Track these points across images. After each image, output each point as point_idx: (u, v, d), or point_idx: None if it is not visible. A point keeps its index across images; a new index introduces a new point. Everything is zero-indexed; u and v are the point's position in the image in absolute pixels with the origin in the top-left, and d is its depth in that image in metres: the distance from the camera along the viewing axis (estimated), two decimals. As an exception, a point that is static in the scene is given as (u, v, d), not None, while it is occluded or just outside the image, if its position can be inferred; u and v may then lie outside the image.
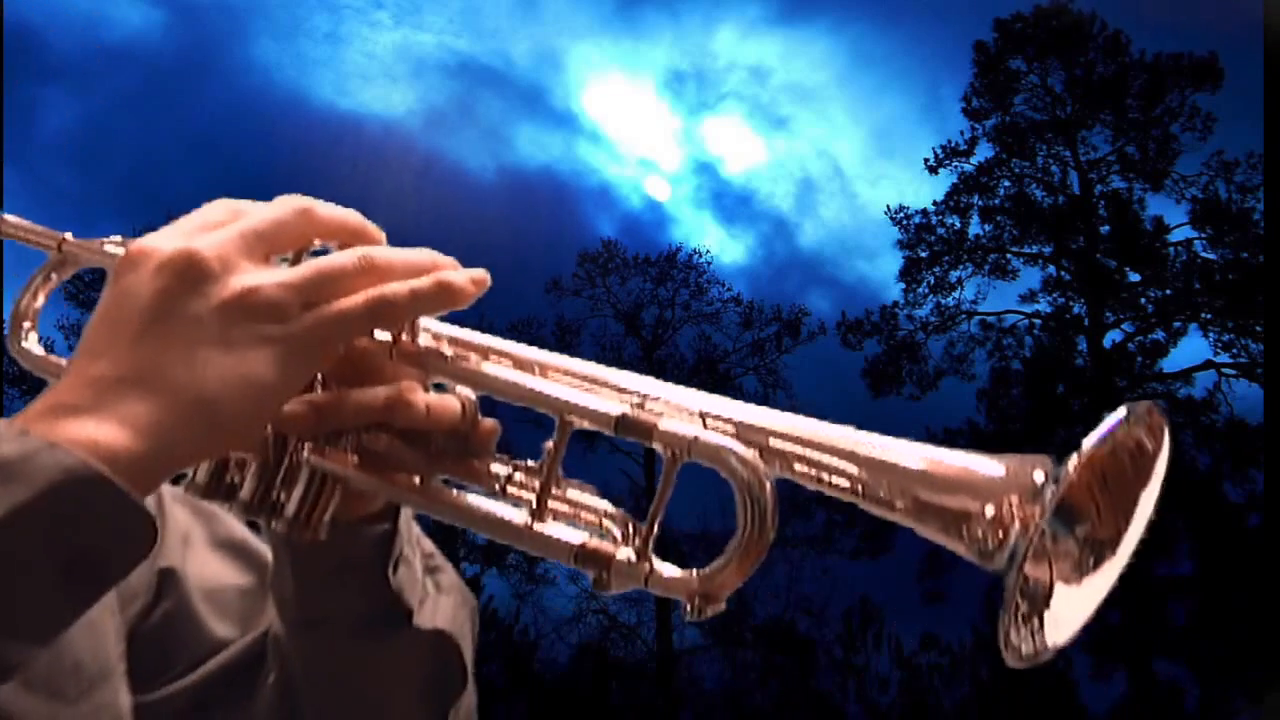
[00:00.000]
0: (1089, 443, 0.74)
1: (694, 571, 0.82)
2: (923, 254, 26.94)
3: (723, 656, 25.50)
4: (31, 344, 1.12)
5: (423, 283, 0.91)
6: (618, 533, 0.91)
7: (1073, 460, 0.74)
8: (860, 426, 0.87)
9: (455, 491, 0.96)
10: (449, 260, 0.95)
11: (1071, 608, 0.82)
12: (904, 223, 27.16)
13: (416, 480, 0.98)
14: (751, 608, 25.66)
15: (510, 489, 0.96)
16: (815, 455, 0.84)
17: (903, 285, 26.96)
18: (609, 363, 0.96)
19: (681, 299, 28.17)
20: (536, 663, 25.05)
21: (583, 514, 0.93)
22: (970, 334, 26.55)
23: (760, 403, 0.88)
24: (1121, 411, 0.76)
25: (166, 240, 0.89)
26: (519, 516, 0.91)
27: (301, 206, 0.94)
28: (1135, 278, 25.70)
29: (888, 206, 27.59)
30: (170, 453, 0.82)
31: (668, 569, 0.84)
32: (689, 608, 0.81)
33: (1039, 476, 0.75)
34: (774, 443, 0.85)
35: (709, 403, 0.89)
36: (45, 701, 1.05)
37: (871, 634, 24.90)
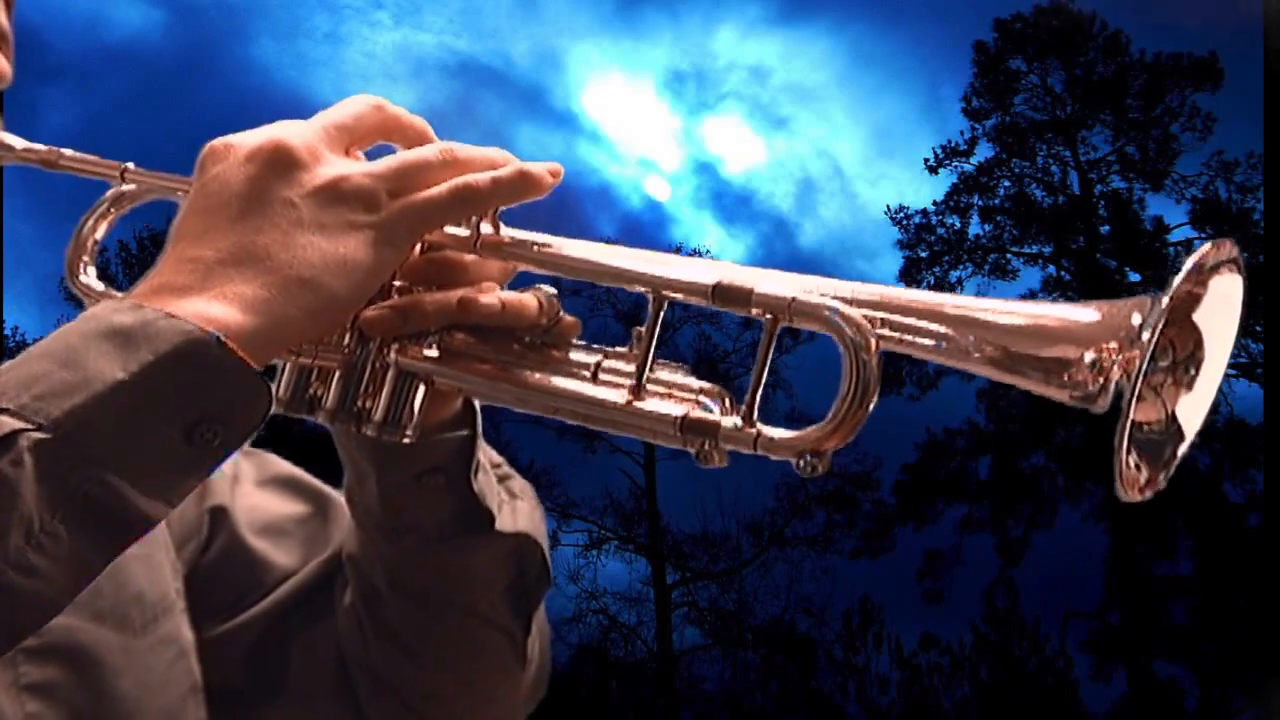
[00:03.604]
0: (1178, 280, 0.77)
1: (800, 432, 0.83)
2: (923, 254, 26.95)
3: (723, 657, 25.49)
4: (91, 278, 1.10)
5: (503, 172, 0.95)
6: (715, 406, 0.90)
7: (1164, 300, 0.76)
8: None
9: (549, 378, 0.97)
10: (516, 159, 0.98)
11: (1190, 413, 0.85)
12: (904, 223, 27.16)
13: (510, 375, 0.99)
14: (751, 608, 25.68)
15: (603, 375, 0.95)
16: (899, 318, 0.85)
17: (903, 285, 26.91)
18: (609, 363, 0.96)
19: (681, 299, 28.06)
20: (536, 663, 24.96)
21: (677, 391, 0.92)
22: (970, 334, 26.49)
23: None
24: (1204, 248, 0.80)
25: (251, 134, 0.93)
26: (617, 397, 0.91)
27: (376, 102, 0.98)
28: (1135, 278, 25.71)
29: (888, 206, 27.58)
30: (277, 328, 0.85)
31: (775, 431, 0.84)
32: (799, 464, 0.82)
33: (1136, 319, 0.77)
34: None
35: (788, 276, 0.90)
36: (115, 632, 1.07)
37: (871, 634, 24.89)
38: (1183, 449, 0.84)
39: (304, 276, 0.86)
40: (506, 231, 0.98)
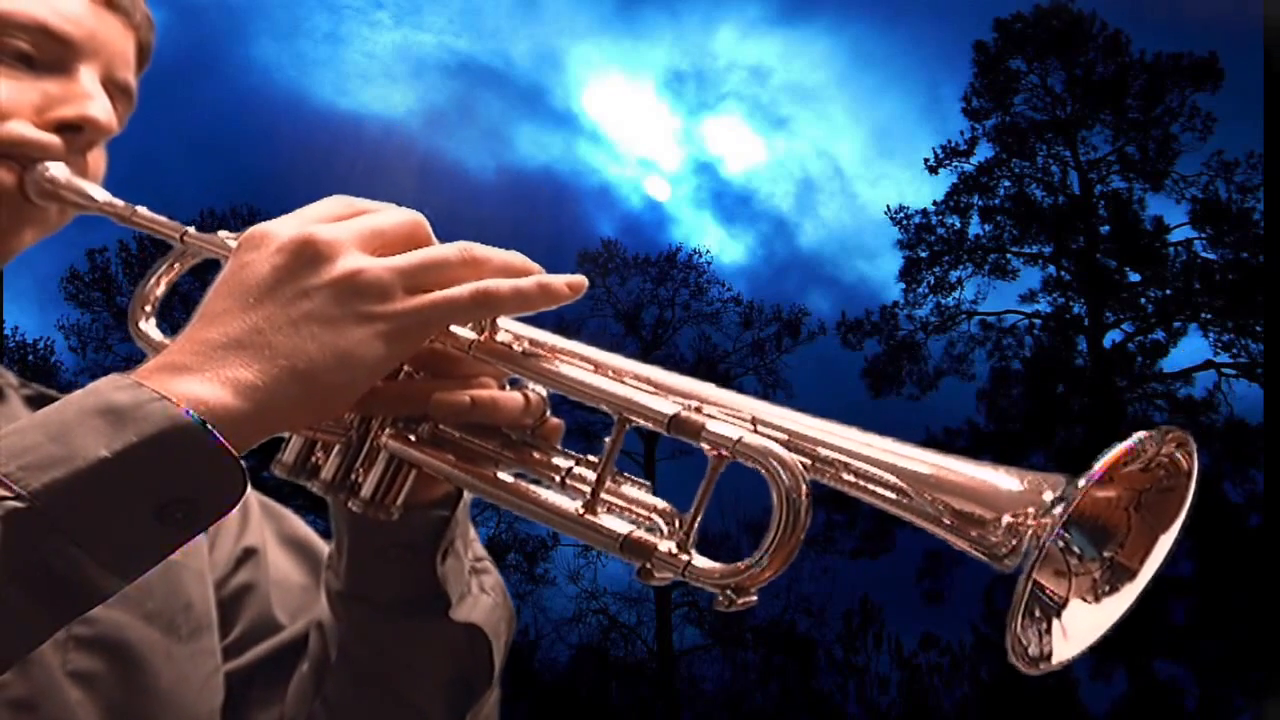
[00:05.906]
0: (1097, 464, 0.78)
1: (728, 566, 0.87)
2: (923, 254, 26.93)
3: (723, 656, 25.49)
4: (150, 327, 1.17)
5: (525, 282, 0.96)
6: (664, 526, 0.95)
7: (1081, 481, 0.78)
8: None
9: (517, 480, 1.01)
10: (536, 266, 0.99)
11: (1082, 626, 0.86)
12: (904, 223, 27.16)
13: (484, 469, 1.03)
14: (751, 608, 25.60)
15: (570, 481, 1.00)
16: (861, 466, 0.89)
17: (903, 285, 26.92)
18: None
19: (681, 299, 28.12)
20: (536, 663, 25.02)
21: (634, 507, 0.97)
22: (970, 334, 26.55)
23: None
24: (1138, 435, 0.80)
25: (287, 226, 0.95)
26: (574, 506, 0.96)
27: (418, 218, 0.99)
28: (1135, 278, 25.71)
29: (888, 206, 27.59)
30: (264, 415, 0.87)
31: (704, 562, 0.89)
32: (720, 599, 0.86)
33: (1048, 496, 0.80)
34: (824, 452, 0.90)
35: (764, 410, 0.94)
36: (161, 634, 1.12)
37: (871, 634, 24.89)
38: (1060, 651, 0.84)
39: (299, 368, 0.88)
40: (503, 324, 1.01)
